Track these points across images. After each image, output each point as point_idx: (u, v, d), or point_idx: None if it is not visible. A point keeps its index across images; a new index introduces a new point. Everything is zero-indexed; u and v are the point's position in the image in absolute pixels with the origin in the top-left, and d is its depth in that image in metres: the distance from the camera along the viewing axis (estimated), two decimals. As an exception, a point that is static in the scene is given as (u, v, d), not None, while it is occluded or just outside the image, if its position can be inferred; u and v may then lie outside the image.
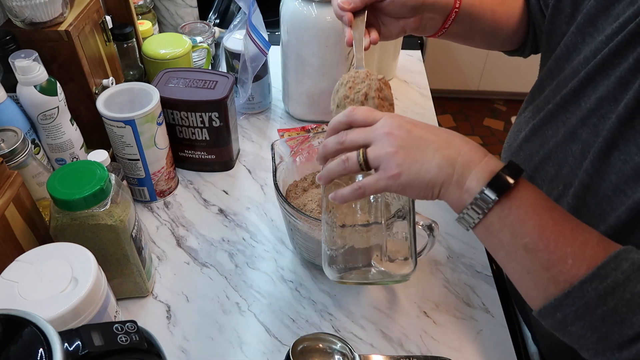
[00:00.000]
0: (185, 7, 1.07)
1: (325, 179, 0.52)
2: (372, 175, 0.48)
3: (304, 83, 0.90)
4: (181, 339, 0.62)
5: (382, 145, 0.47)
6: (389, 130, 0.47)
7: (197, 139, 0.82)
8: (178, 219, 0.78)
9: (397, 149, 0.46)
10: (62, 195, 0.53)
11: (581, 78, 0.55)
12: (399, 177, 0.46)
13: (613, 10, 0.54)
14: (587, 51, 0.56)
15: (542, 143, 0.59)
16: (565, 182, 0.56)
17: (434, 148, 0.46)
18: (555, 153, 0.57)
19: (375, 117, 0.49)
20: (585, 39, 0.57)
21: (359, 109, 0.50)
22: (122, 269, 0.61)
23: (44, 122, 0.66)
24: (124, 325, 0.39)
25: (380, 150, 0.47)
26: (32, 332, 0.33)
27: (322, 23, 0.81)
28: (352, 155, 0.49)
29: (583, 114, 0.54)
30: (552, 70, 0.62)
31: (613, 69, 0.52)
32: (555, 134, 0.58)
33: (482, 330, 0.64)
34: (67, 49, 0.68)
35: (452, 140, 0.48)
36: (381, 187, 0.48)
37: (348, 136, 0.49)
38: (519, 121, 0.67)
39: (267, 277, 0.70)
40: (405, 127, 0.47)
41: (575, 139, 0.55)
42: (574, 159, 0.55)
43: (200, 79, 0.80)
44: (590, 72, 0.54)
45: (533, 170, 0.61)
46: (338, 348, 0.58)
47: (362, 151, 0.48)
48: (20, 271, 0.48)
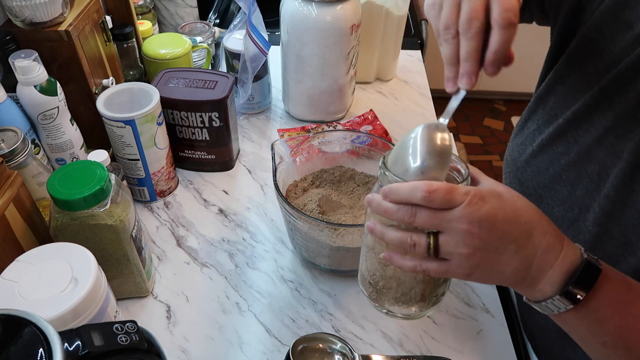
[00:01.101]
0: (185, 7, 1.07)
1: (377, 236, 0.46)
2: (441, 264, 0.43)
3: (304, 83, 0.90)
4: (181, 339, 0.62)
5: (457, 241, 0.41)
6: (468, 228, 0.40)
7: (197, 139, 0.82)
8: (178, 219, 0.78)
9: (474, 250, 0.41)
10: (62, 195, 0.53)
11: (595, 93, 0.52)
12: (469, 276, 0.43)
13: (623, 16, 0.50)
14: (599, 62, 0.52)
15: (552, 160, 0.57)
16: (580, 205, 0.53)
17: (513, 250, 0.41)
18: (568, 172, 0.55)
19: (453, 202, 0.41)
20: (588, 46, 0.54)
21: (438, 192, 0.41)
22: (122, 269, 0.61)
23: (44, 122, 0.66)
24: (124, 325, 0.39)
25: (455, 248, 0.41)
26: (32, 332, 0.33)
27: (322, 23, 0.81)
28: (420, 243, 0.43)
29: (599, 132, 0.52)
30: (555, 80, 0.60)
31: (631, 85, 0.48)
32: (567, 152, 0.55)
33: (482, 330, 0.64)
34: (67, 49, 0.68)
35: (532, 234, 0.42)
36: (447, 277, 0.45)
37: (419, 217, 0.42)
38: (522, 132, 0.64)
39: (267, 277, 0.70)
40: (486, 224, 0.40)
41: (590, 159, 0.52)
42: (589, 180, 0.52)
43: (200, 79, 0.80)
44: (605, 87, 0.51)
45: (542, 189, 0.59)
46: (338, 348, 0.58)
47: (434, 242, 0.42)
48: (20, 271, 0.48)
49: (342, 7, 0.81)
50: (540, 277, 0.42)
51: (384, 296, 0.52)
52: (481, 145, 2.36)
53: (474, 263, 0.42)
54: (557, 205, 0.57)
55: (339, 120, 0.97)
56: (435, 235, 0.42)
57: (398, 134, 0.93)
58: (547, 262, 0.42)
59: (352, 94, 0.97)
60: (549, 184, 0.57)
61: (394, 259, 0.45)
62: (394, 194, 0.43)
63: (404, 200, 0.42)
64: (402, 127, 0.94)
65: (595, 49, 0.53)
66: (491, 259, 0.42)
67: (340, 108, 0.96)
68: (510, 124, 2.50)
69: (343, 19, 0.82)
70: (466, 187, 0.42)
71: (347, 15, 0.82)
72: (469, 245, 0.41)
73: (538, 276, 0.42)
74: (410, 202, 0.42)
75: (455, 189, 0.41)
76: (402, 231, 0.44)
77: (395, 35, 1.00)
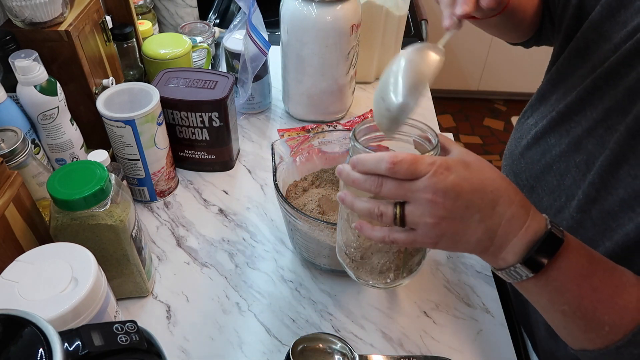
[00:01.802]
0: (185, 7, 1.07)
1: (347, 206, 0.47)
2: (408, 234, 0.44)
3: (304, 83, 0.91)
4: (181, 339, 0.62)
5: (422, 211, 0.42)
6: (433, 198, 0.41)
7: (197, 139, 0.82)
8: (178, 219, 0.78)
9: (439, 220, 0.42)
10: (62, 195, 0.53)
11: (587, 87, 0.54)
12: (436, 245, 0.44)
13: (619, 16, 0.52)
14: (595, 59, 0.54)
15: (544, 152, 0.58)
16: (567, 193, 0.55)
17: (477, 219, 0.42)
18: (558, 163, 0.56)
19: (418, 173, 0.41)
20: (590, 45, 0.56)
21: (403, 163, 0.41)
22: (122, 269, 0.61)
23: (44, 122, 0.66)
24: (124, 325, 0.39)
25: (420, 218, 0.42)
26: (32, 332, 0.33)
27: (322, 23, 0.81)
28: (387, 213, 0.43)
29: (589, 124, 0.53)
30: (557, 78, 0.61)
31: (621, 79, 0.50)
32: (559, 143, 0.57)
33: (482, 330, 0.64)
34: (67, 49, 0.68)
35: (498, 203, 0.43)
36: (415, 246, 0.46)
37: (384, 188, 0.43)
38: (520, 127, 0.65)
39: (267, 277, 0.70)
40: (451, 194, 0.41)
41: (579, 150, 0.54)
42: (577, 170, 0.54)
43: (200, 79, 0.80)
44: (597, 80, 0.53)
45: (534, 180, 0.60)
46: (338, 348, 0.58)
47: (400, 212, 0.43)
48: (20, 271, 0.48)
49: (342, 7, 0.81)
50: (504, 245, 0.43)
51: (361, 267, 0.53)
52: (481, 145, 2.36)
53: (439, 232, 0.42)
54: (546, 195, 0.58)
55: (339, 120, 0.97)
56: (402, 205, 0.43)
57: (398, 134, 0.93)
58: (511, 232, 0.42)
59: (352, 94, 0.97)
60: (540, 175, 0.59)
61: (364, 229, 0.46)
62: (361, 164, 0.43)
63: (370, 171, 0.43)
64: (402, 127, 0.94)
65: (593, 47, 0.55)
66: (456, 228, 0.42)
67: (340, 108, 0.96)
68: (510, 124, 2.50)
69: (343, 19, 0.82)
70: (432, 157, 0.42)
71: (347, 15, 0.82)
72: (434, 215, 0.42)
73: (502, 245, 0.43)
74: (376, 173, 0.43)
75: (420, 159, 0.42)
76: (371, 201, 0.45)
77: (395, 35, 1.00)
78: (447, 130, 2.43)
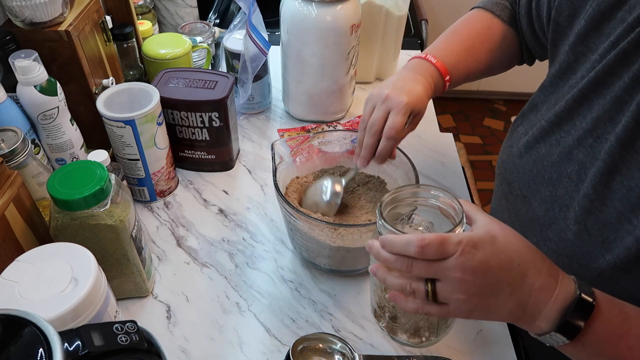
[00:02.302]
0: (185, 7, 1.07)
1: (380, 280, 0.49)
2: (441, 308, 0.45)
3: (304, 83, 0.90)
4: (181, 339, 0.62)
5: (453, 289, 0.43)
6: (462, 276, 0.42)
7: (197, 139, 0.82)
8: (178, 219, 0.78)
9: (470, 296, 0.43)
10: (62, 195, 0.53)
11: (575, 96, 0.54)
12: (468, 317, 0.46)
13: (604, 29, 0.54)
14: (583, 70, 0.55)
15: (536, 161, 0.59)
16: (561, 204, 0.55)
17: (508, 292, 0.43)
18: (550, 173, 0.57)
19: (447, 252, 0.43)
20: (579, 58, 0.57)
21: (431, 246, 0.43)
22: (122, 269, 0.61)
23: (44, 122, 0.66)
24: (124, 325, 0.39)
25: (452, 295, 0.44)
26: (32, 332, 0.33)
27: (322, 23, 0.81)
28: (419, 290, 0.45)
29: (579, 133, 0.54)
30: (547, 87, 0.62)
31: (608, 88, 0.51)
32: (550, 153, 0.57)
33: (482, 330, 0.64)
34: (67, 49, 0.68)
35: (526, 276, 0.44)
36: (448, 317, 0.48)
37: (415, 269, 0.44)
38: (511, 136, 0.66)
39: (267, 277, 0.70)
40: (480, 272, 0.42)
41: (570, 160, 0.54)
42: (569, 181, 0.54)
43: (200, 79, 0.80)
44: (584, 90, 0.53)
45: (527, 190, 0.60)
46: (338, 348, 0.58)
47: (432, 289, 0.44)
48: (20, 271, 0.48)
49: (342, 7, 0.81)
50: (537, 314, 0.44)
51: (396, 327, 0.56)
52: (481, 145, 2.35)
53: (471, 307, 0.44)
54: (539, 205, 0.58)
55: (339, 120, 0.97)
56: (433, 282, 0.44)
57: (398, 134, 0.93)
58: (542, 301, 0.44)
59: (352, 94, 0.97)
60: (533, 185, 0.59)
61: (398, 300, 0.48)
62: (390, 245, 0.45)
63: (400, 253, 0.45)
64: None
65: (581, 59, 0.56)
66: (487, 302, 0.44)
67: (340, 108, 0.96)
68: (510, 124, 2.50)
69: (343, 19, 0.82)
70: (458, 235, 0.43)
71: (347, 15, 0.82)
72: (464, 292, 0.43)
73: (534, 314, 0.44)
74: (407, 254, 0.44)
75: (447, 240, 0.43)
76: (402, 278, 0.46)
77: (395, 35, 1.00)
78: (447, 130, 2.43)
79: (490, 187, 2.16)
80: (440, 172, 0.87)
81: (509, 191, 0.64)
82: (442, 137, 0.94)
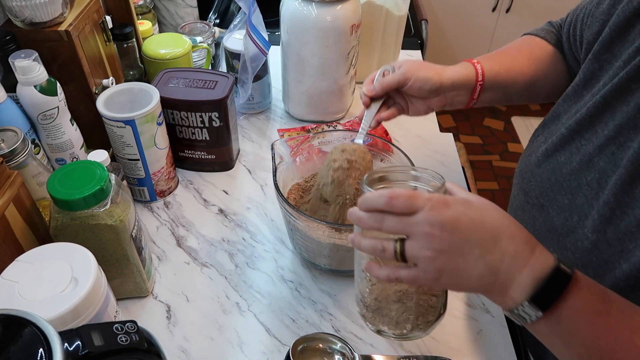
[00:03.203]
0: (185, 7, 1.07)
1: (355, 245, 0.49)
2: (411, 270, 0.45)
3: (304, 83, 0.90)
4: (181, 339, 0.62)
5: (420, 245, 0.43)
6: (430, 230, 0.42)
7: (197, 139, 0.82)
8: (178, 219, 0.78)
9: (438, 254, 0.42)
10: (62, 195, 0.53)
11: (597, 103, 0.53)
12: (438, 280, 0.44)
13: (628, 35, 0.53)
14: (606, 78, 0.54)
15: (554, 169, 0.58)
16: (579, 213, 0.54)
17: (477, 254, 0.42)
18: (569, 181, 0.55)
19: (416, 207, 0.43)
20: (604, 66, 0.56)
21: (399, 198, 0.43)
22: (122, 269, 0.61)
23: (44, 122, 0.66)
24: (124, 325, 0.39)
25: (419, 252, 0.43)
26: (32, 332, 0.33)
27: (322, 23, 0.81)
28: (389, 248, 0.45)
29: (600, 141, 0.52)
30: (570, 97, 0.61)
31: (632, 95, 0.50)
32: (569, 161, 0.56)
33: (482, 330, 0.64)
34: (67, 49, 0.68)
35: (499, 239, 0.42)
36: (419, 284, 0.46)
37: (384, 224, 0.44)
38: (531, 145, 0.65)
39: (267, 277, 0.70)
40: (449, 226, 0.42)
41: (590, 168, 0.53)
42: (589, 189, 0.53)
43: (200, 79, 0.80)
44: (607, 96, 0.52)
45: (544, 198, 0.59)
46: (338, 348, 0.58)
47: (400, 247, 0.44)
48: (20, 271, 0.48)
49: (342, 7, 0.81)
50: (509, 283, 0.42)
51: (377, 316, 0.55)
52: (481, 145, 2.35)
53: (438, 266, 0.43)
54: (557, 214, 0.57)
55: (339, 120, 0.97)
56: (403, 240, 0.44)
57: (398, 134, 0.93)
58: (515, 268, 0.42)
59: (352, 94, 0.97)
60: (550, 193, 0.58)
61: (372, 268, 0.47)
62: (364, 202, 0.46)
63: (372, 207, 0.45)
64: (402, 127, 0.94)
65: (605, 67, 0.56)
66: (455, 263, 0.42)
67: (340, 108, 0.96)
68: (510, 124, 2.50)
69: (343, 19, 0.82)
70: (430, 193, 0.44)
71: (347, 15, 0.82)
72: (431, 248, 0.42)
73: (506, 282, 0.42)
74: (377, 209, 0.45)
75: (417, 195, 0.43)
76: (374, 239, 0.46)
77: (395, 35, 1.00)
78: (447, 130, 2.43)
79: (490, 187, 2.16)
80: (440, 172, 0.85)
81: (525, 201, 0.63)
82: (442, 137, 0.94)
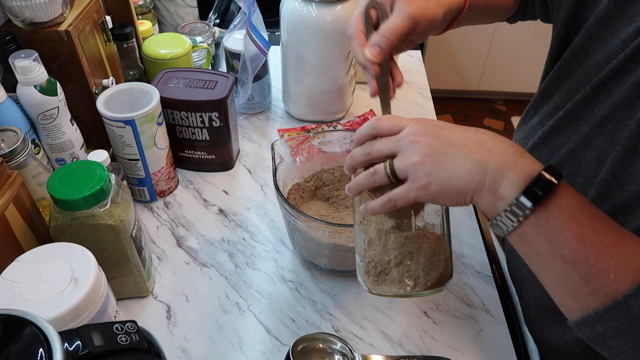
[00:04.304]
0: (185, 7, 1.07)
1: (354, 192, 0.51)
2: (402, 186, 0.46)
3: (304, 83, 0.91)
4: (181, 339, 0.62)
5: (408, 154, 0.45)
6: (415, 138, 0.45)
7: (197, 139, 0.82)
8: (178, 219, 0.78)
9: (424, 157, 0.44)
10: (62, 195, 0.53)
11: (594, 84, 0.53)
12: (429, 187, 0.44)
13: (627, 11, 0.51)
14: (601, 55, 0.53)
15: (553, 151, 0.58)
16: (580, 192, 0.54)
17: (463, 152, 0.43)
18: (568, 162, 0.55)
19: (400, 125, 0.46)
20: (594, 40, 0.55)
21: (384, 118, 0.48)
22: (122, 269, 0.61)
23: (44, 122, 0.66)
24: (124, 325, 0.39)
25: (407, 161, 0.45)
26: (32, 332, 0.33)
27: (322, 23, 0.81)
28: (379, 168, 0.47)
29: (597, 121, 0.52)
30: (559, 74, 0.60)
31: (628, 74, 0.49)
32: (567, 142, 0.56)
33: (482, 330, 0.64)
34: (67, 49, 0.68)
35: (484, 141, 0.44)
36: (412, 198, 0.46)
37: (374, 147, 0.47)
38: (525, 127, 0.65)
39: (267, 277, 0.70)
40: (432, 132, 0.45)
41: (589, 147, 0.53)
42: (588, 168, 0.53)
43: (200, 79, 0.80)
44: (604, 78, 0.51)
45: None
46: (338, 348, 0.58)
47: (389, 163, 0.46)
48: (20, 271, 0.48)
49: (342, 7, 0.81)
50: (500, 178, 0.42)
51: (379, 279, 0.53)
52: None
53: (427, 170, 0.44)
54: None
55: (339, 120, 0.97)
56: (391, 160, 0.47)
57: (398, 134, 0.93)
58: (505, 164, 0.43)
59: (352, 94, 0.97)
60: None
61: (368, 206, 0.49)
62: (356, 136, 0.50)
63: (362, 137, 0.49)
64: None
65: (599, 43, 0.54)
66: (442, 163, 0.44)
67: (340, 108, 0.96)
68: (510, 124, 2.50)
69: (343, 19, 0.82)
70: None
71: (347, 15, 0.82)
72: (418, 154, 0.44)
73: (497, 177, 0.42)
74: (366, 136, 0.49)
75: (400, 117, 0.48)
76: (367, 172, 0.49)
77: (395, 35, 1.00)
78: (447, 130, 2.43)
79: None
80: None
81: None
82: (442, 137, 0.94)
